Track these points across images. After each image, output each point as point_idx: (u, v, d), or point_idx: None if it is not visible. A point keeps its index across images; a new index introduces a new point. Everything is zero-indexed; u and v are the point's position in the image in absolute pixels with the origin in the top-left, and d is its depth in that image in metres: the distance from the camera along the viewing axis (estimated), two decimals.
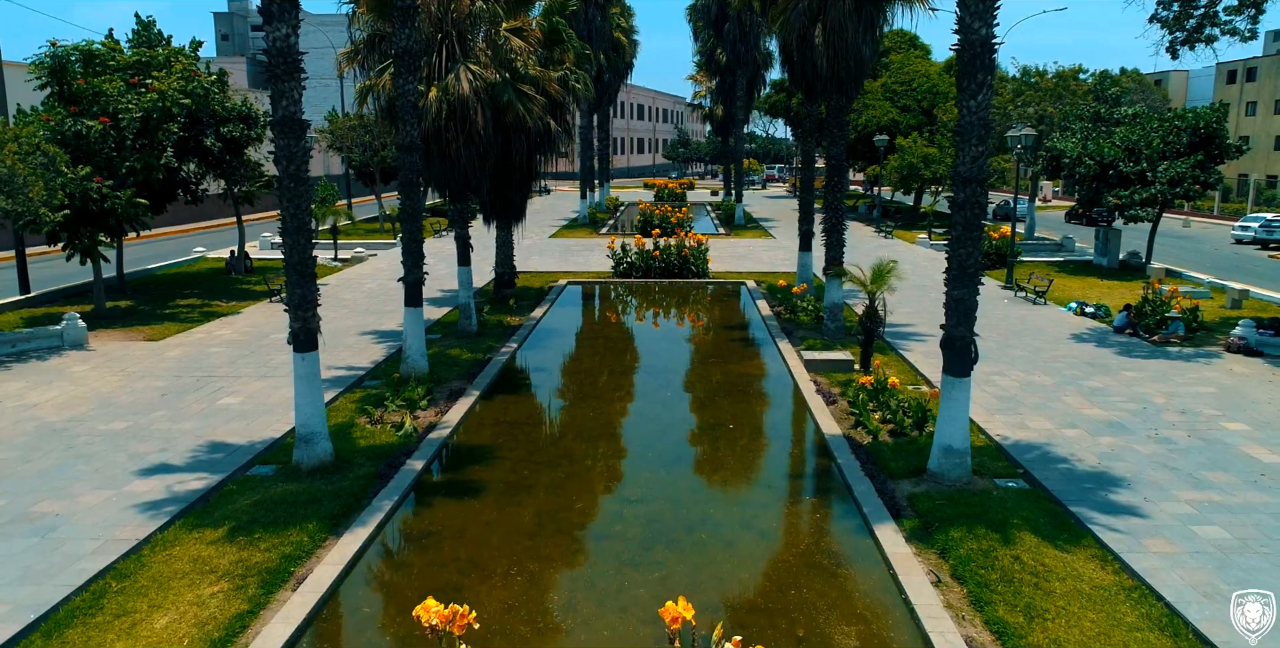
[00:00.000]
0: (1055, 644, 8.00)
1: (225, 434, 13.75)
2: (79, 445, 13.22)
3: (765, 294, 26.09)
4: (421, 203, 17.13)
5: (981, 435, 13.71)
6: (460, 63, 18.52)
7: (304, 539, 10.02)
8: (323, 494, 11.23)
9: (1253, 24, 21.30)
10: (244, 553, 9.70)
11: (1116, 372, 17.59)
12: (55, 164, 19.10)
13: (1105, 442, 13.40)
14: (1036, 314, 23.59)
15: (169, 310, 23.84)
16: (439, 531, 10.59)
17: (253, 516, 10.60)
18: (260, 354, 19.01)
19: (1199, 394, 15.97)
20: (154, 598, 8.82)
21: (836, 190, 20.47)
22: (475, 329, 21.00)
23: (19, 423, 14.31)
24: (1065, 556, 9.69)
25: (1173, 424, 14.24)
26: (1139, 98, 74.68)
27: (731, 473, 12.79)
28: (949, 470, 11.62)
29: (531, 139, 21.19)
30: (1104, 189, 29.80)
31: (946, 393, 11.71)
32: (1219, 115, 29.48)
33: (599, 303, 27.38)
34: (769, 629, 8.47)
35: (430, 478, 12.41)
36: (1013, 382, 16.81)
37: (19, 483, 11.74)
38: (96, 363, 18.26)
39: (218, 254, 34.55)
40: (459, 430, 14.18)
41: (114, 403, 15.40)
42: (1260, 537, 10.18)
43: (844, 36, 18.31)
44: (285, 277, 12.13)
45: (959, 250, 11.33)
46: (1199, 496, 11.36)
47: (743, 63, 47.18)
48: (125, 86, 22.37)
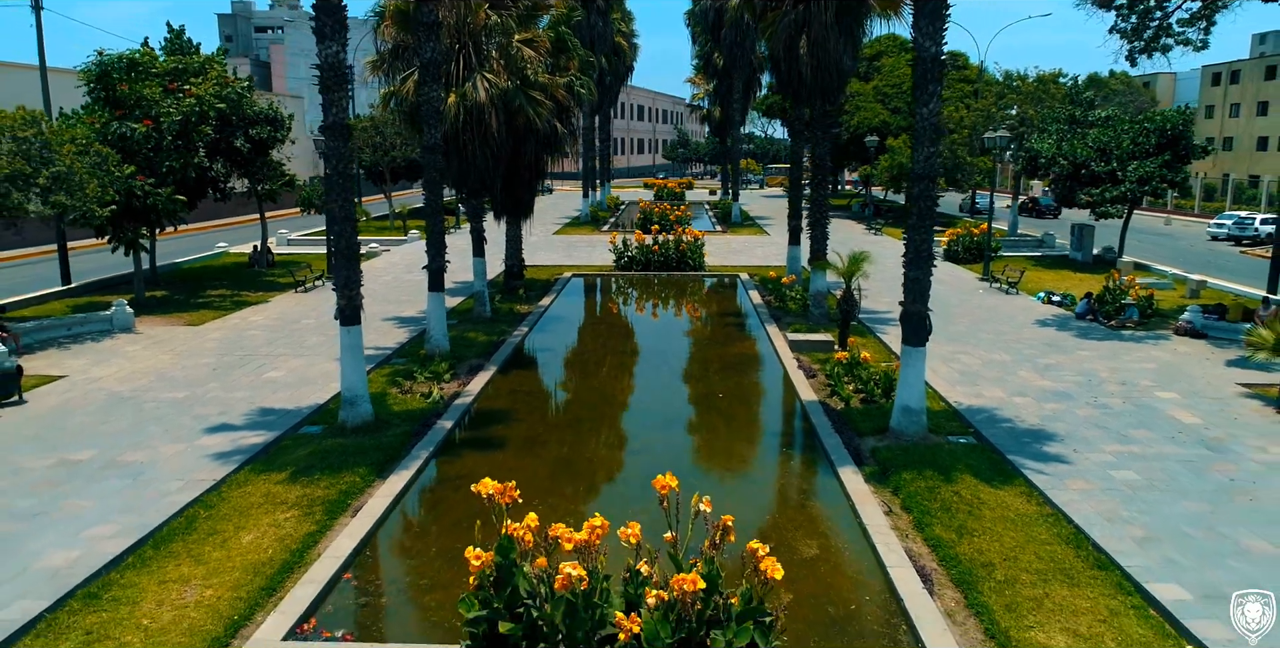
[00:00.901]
0: (978, 553, 9.84)
1: (274, 401, 15.58)
2: (147, 410, 15.06)
3: (757, 285, 27.91)
4: (442, 199, 18.97)
5: (941, 402, 15.54)
6: (477, 71, 20.36)
7: (356, 480, 11.86)
8: (367, 447, 13.07)
9: (1204, 35, 23.11)
10: (307, 490, 11.54)
11: (1071, 351, 19.44)
12: (107, 163, 20.93)
13: (1049, 407, 15.24)
14: (1007, 303, 25.43)
15: (202, 300, 25.68)
16: (468, 474, 12.40)
17: (310, 462, 12.44)
18: (294, 337, 20.86)
19: (1141, 369, 17.81)
20: (237, 522, 10.65)
21: (820, 188, 22.31)
22: (489, 315, 22.85)
23: (89, 393, 16.15)
24: (998, 492, 11.53)
25: (1111, 394, 16.08)
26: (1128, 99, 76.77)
27: (721, 432, 14.64)
28: (907, 427, 13.45)
29: (540, 140, 23.01)
30: (1077, 187, 31.64)
31: (905, 361, 13.55)
32: (1185, 118, 31.34)
33: (602, 293, 29.22)
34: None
35: (458, 435, 14.24)
36: (976, 360, 18.65)
37: (103, 439, 13.58)
38: (146, 344, 20.11)
39: (239, 249, 36.41)
40: (480, 398, 16.02)
41: (170, 377, 17.24)
42: (1165, 478, 12.01)
43: (826, 48, 20.13)
44: (334, 260, 13.91)
45: (914, 237, 13.17)
46: (1121, 448, 13.20)
47: (739, 66, 48.94)
48: (163, 92, 24.20)
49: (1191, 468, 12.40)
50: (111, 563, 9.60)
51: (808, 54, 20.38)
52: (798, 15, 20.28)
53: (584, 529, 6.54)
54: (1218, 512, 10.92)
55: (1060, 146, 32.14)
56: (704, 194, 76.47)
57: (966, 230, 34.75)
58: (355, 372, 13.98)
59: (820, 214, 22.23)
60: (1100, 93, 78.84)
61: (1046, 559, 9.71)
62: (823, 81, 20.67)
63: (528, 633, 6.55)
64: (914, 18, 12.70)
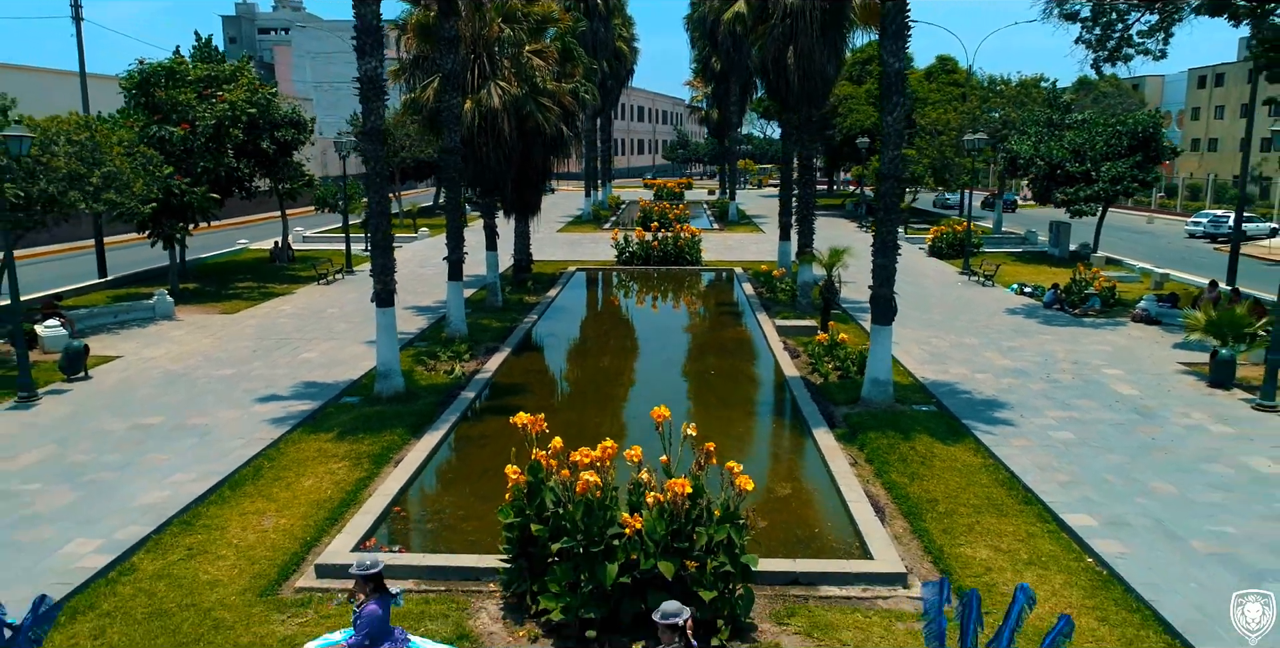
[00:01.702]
0: (926, 493, 11.68)
1: (313, 377, 17.42)
2: (201, 384, 16.90)
3: (750, 278, 29.74)
4: (461, 196, 20.81)
5: (910, 378, 17.39)
6: (491, 80, 22.20)
7: (395, 438, 13.70)
8: (402, 413, 14.90)
9: (1163, 45, 24.94)
10: (354, 446, 13.38)
11: (1034, 336, 21.28)
12: (150, 164, 22.76)
13: (1005, 382, 17.08)
14: (983, 294, 27.27)
15: (231, 292, 27.52)
16: (490, 434, 14.25)
17: (353, 425, 14.28)
18: (322, 324, 22.70)
19: (1095, 351, 19.66)
20: (298, 470, 12.49)
21: (807, 187, 24.17)
22: (501, 304, 24.70)
23: (146, 371, 17.99)
24: (949, 448, 13.37)
25: (1064, 371, 17.92)
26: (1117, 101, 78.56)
27: (711, 401, 16.48)
28: (876, 396, 15.29)
29: (547, 143, 24.87)
30: (1053, 187, 33.50)
31: (874, 338, 15.39)
32: (1155, 121, 33.23)
33: (605, 285, 31.07)
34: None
35: (480, 404, 16.08)
36: (946, 343, 20.49)
37: (167, 407, 15.41)
38: (188, 329, 21.96)
39: (258, 245, 38.24)
40: (497, 374, 17.86)
41: (216, 357, 19.09)
42: (1096, 437, 13.85)
43: (812, 59, 21.99)
44: (371, 250, 15.74)
45: (882, 229, 15.01)
46: (1063, 414, 15.04)
47: (736, 70, 50.71)
48: (198, 97, 26.03)
49: (1121, 430, 14.24)
50: (197, 500, 11.43)
51: (795, 64, 22.22)
52: (785, 29, 22.10)
53: (597, 449, 8.37)
54: (1135, 463, 12.77)
55: (1038, 148, 33.98)
56: (703, 194, 78.23)
57: (950, 228, 36.56)
58: (389, 348, 15.82)
59: (807, 211, 24.08)
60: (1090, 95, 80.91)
61: (982, 498, 11.54)
62: (809, 89, 22.53)
63: (553, 532, 8.37)
64: (880, 38, 14.56)
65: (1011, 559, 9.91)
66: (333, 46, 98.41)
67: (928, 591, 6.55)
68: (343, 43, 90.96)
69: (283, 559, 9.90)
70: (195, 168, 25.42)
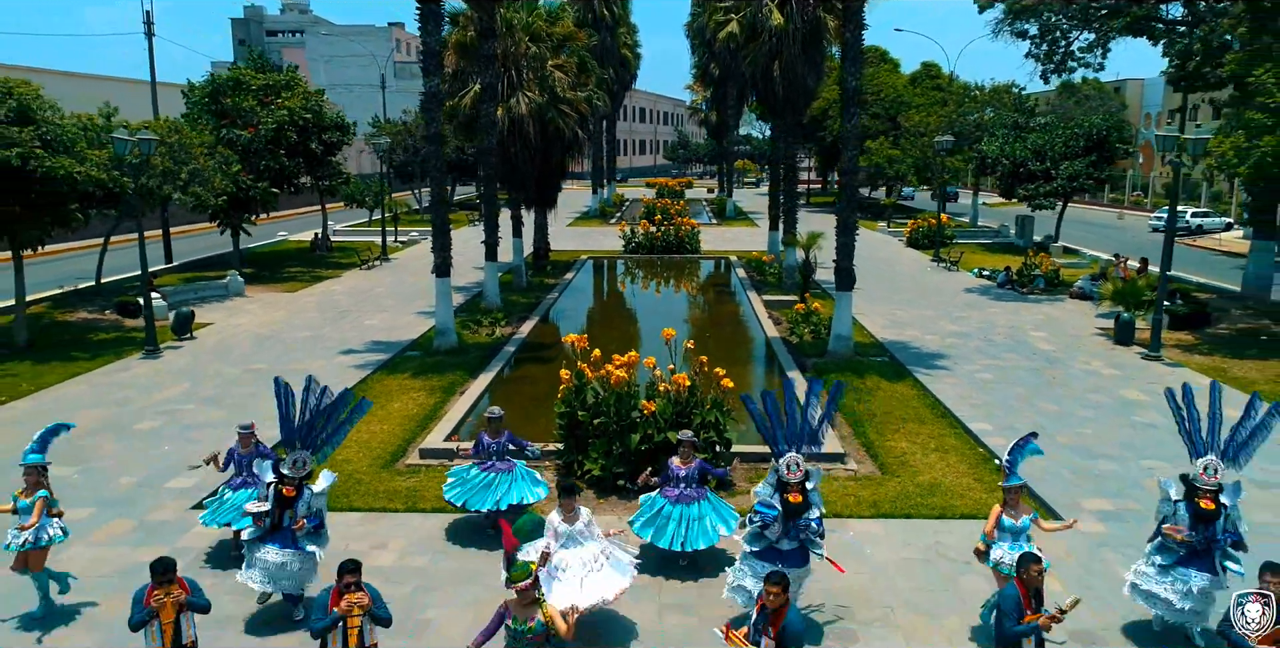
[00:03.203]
0: (868, 410, 15.37)
1: (379, 337, 21.11)
2: (288, 343, 20.61)
3: (744, 265, 33.41)
4: (495, 190, 24.49)
5: (871, 338, 21.08)
6: (519, 90, 25.88)
7: (456, 378, 17.39)
8: (458, 362, 18.58)
9: (1102, 59, 28.72)
10: (426, 382, 17.07)
11: (983, 309, 24.98)
12: (226, 162, 26.46)
13: (949, 341, 20.78)
14: (948, 278, 30.99)
15: (285, 275, 31.22)
16: (530, 376, 17.95)
17: (421, 369, 17.99)
18: (372, 300, 26.40)
19: (1030, 320, 23.36)
20: (387, 397, 16.18)
21: (791, 183, 27.87)
22: (525, 285, 28.40)
23: (237, 334, 21.70)
24: (892, 384, 17.06)
25: (999, 334, 21.63)
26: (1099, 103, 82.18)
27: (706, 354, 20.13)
28: (839, 349, 18.98)
29: (564, 145, 28.55)
30: (1016, 183, 37.20)
31: (838, 302, 19.08)
32: (1109, 124, 36.94)
33: (614, 270, 34.77)
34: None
35: (519, 356, 19.78)
36: (907, 315, 24.19)
37: (267, 358, 19.11)
38: (259, 304, 25.67)
39: (297, 237, 41.97)
40: (530, 336, 21.55)
41: (293, 323, 22.80)
42: (1010, 378, 17.54)
43: (794, 72, 25.67)
44: (433, 231, 19.41)
45: (843, 214, 18.70)
46: (989, 362, 18.74)
47: (733, 76, 54.04)
48: (258, 104, 29.74)
49: (1032, 373, 17.96)
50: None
51: (780, 77, 25.90)
52: (771, 46, 25.77)
53: (625, 357, 12.05)
54: (1035, 394, 16.47)
55: (1003, 148, 37.68)
56: (702, 192, 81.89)
57: (925, 221, 40.26)
58: (445, 311, 19.54)
59: (791, 204, 27.79)
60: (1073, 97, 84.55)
61: (910, 414, 15.25)
62: (792, 98, 26.24)
63: (593, 414, 12.04)
64: (841, 61, 18.25)
65: (922, 448, 13.61)
66: (345, 50, 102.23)
67: (752, 406, 8.76)
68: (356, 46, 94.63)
69: (393, 448, 13.60)
70: (258, 166, 29.12)
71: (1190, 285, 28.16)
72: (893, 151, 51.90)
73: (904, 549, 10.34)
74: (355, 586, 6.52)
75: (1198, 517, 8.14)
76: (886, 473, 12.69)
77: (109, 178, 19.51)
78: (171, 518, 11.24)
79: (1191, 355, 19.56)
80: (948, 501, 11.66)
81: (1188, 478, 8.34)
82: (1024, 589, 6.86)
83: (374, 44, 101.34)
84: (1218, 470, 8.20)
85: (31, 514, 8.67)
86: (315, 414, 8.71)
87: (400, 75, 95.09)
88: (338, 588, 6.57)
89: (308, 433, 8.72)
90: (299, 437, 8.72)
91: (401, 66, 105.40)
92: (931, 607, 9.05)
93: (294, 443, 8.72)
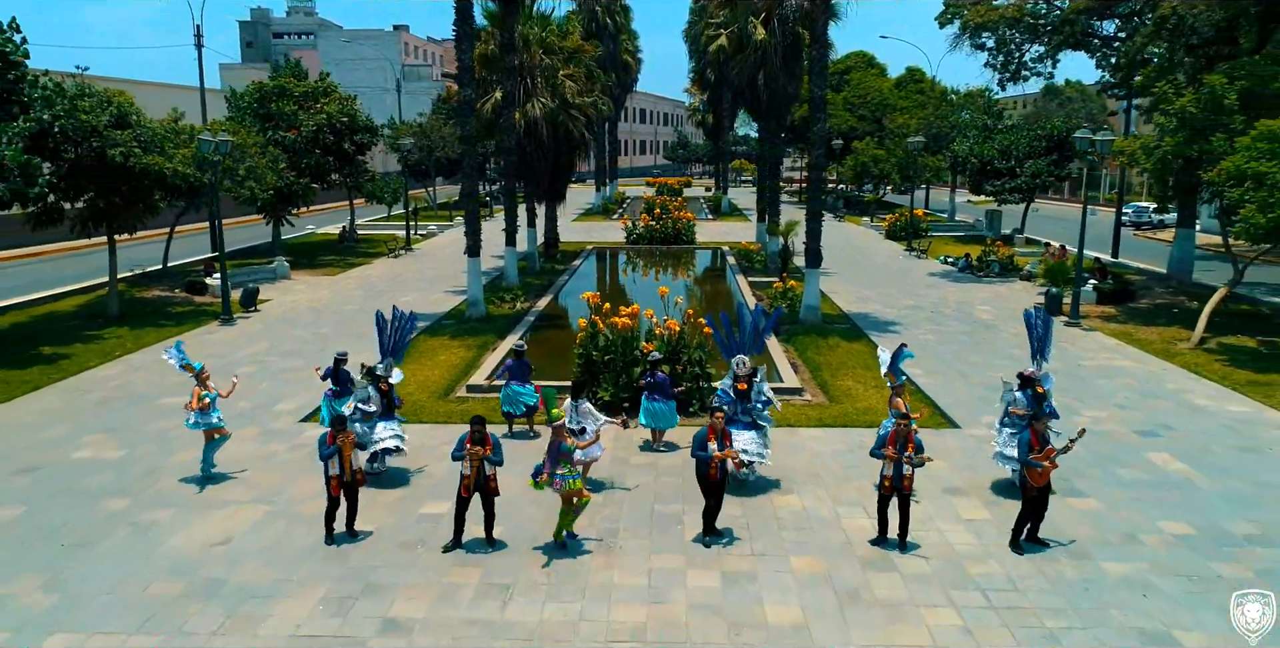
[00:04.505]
0: (826, 360, 18.90)
1: (417, 309, 24.47)
2: (341, 314, 24.16)
3: (734, 253, 36.93)
4: (515, 185, 28.02)
5: (839, 310, 24.61)
6: (534, 97, 29.41)
7: (489, 338, 20.93)
8: (488, 328, 22.12)
9: (1052, 69, 32.31)
10: (463, 342, 20.61)
11: (941, 288, 28.54)
12: (275, 161, 30.01)
13: (903, 313, 24.32)
14: (916, 264, 34.55)
15: (321, 262, 34.77)
16: (550, 338, 21.48)
17: (458, 333, 21.53)
18: (405, 282, 29.95)
19: (979, 297, 26.90)
20: (432, 353, 19.71)
21: (774, 179, 31.43)
22: (538, 269, 31.94)
23: (295, 307, 25.23)
24: (849, 343, 20.59)
25: (949, 307, 25.17)
26: (1081, 105, 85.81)
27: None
28: (808, 317, 22.50)
29: (572, 145, 32.08)
30: (984, 180, 40.74)
31: (807, 277, 22.61)
32: (1069, 127, 40.46)
33: (618, 258, 38.32)
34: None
35: (537, 324, 23.32)
36: (873, 293, 27.73)
37: (328, 325, 22.64)
38: (306, 285, 29.22)
39: (324, 230, 45.52)
40: (546, 308, 25.10)
41: (340, 300, 26.35)
42: (949, 339, 21.07)
43: (776, 81, 29.19)
44: (465, 217, 22.93)
45: (811, 204, 22.22)
46: (934, 328, 22.28)
47: (727, 81, 57.79)
48: (299, 108, 33.27)
49: (968, 335, 21.51)
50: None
51: (764, 85, 29.44)
52: (756, 58, 29.30)
53: (630, 308, 15.58)
54: (965, 350, 20.02)
55: (972, 148, 41.23)
56: (700, 191, 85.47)
57: (903, 215, 43.80)
58: (476, 286, 23.10)
59: (774, 197, 31.35)
60: (1055, 100, 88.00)
61: (859, 363, 18.77)
62: (774, 104, 29.80)
63: (603, 352, 15.55)
64: (808, 75, 21.78)
65: (864, 386, 17.14)
66: (355, 54, 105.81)
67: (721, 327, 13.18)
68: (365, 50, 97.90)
69: (444, 385, 17.18)
70: (300, 164, 32.66)
71: (1130, 270, 31.74)
72: (878, 152, 55.45)
73: (837, 445, 13.89)
74: (479, 434, 9.98)
75: (1036, 399, 11.70)
76: (833, 401, 16.25)
77: (190, 173, 23.05)
78: (284, 427, 14.80)
79: (1107, 324, 23.11)
80: (876, 418, 15.14)
81: (1023, 374, 11.91)
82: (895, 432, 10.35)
83: (384, 47, 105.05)
84: (1041, 367, 11.80)
85: (199, 401, 12.24)
86: (396, 332, 12.43)
87: (408, 77, 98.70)
88: (471, 435, 10.01)
89: (393, 346, 12.41)
90: (388, 349, 12.40)
91: (410, 69, 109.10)
92: (850, 476, 12.58)
93: (385, 353, 12.39)
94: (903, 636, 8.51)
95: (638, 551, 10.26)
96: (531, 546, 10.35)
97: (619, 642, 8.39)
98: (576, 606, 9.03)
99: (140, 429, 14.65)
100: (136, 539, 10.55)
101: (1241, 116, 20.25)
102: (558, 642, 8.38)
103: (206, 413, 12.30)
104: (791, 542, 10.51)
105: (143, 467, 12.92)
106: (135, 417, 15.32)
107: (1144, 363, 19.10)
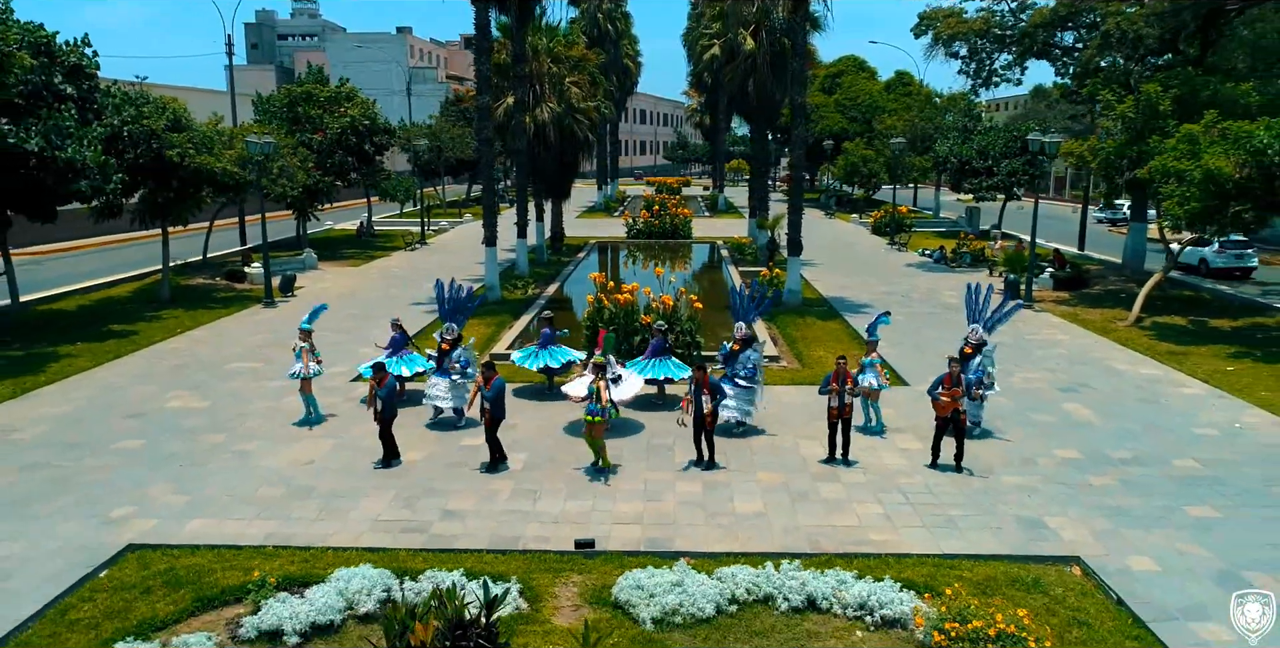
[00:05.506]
0: (802, 335, 21.58)
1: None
2: (371, 299, 26.84)
3: (728, 247, 39.64)
4: (527, 183, 30.71)
5: (819, 295, 27.30)
6: (542, 101, 32.10)
7: (504, 318, 23.62)
8: (503, 309, 24.80)
9: (1020, 75, 34.97)
10: (483, 320, 23.28)
11: (915, 278, 31.22)
12: (304, 161, 32.69)
13: (876, 297, 27.00)
14: (897, 256, 37.24)
15: (343, 255, 37.45)
16: (558, 317, 24.09)
17: (477, 313, 24.13)
18: (425, 271, 32.58)
19: (947, 286, 29.57)
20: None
21: (763, 177, 34.14)
22: (545, 260, 34.63)
23: (327, 293, 27.89)
24: (825, 322, 23.28)
25: (918, 293, 27.85)
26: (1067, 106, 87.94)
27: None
28: (790, 300, 25.18)
29: (577, 146, 34.77)
30: (963, 179, 43.39)
31: (790, 264, 25.29)
32: (1044, 128, 43.10)
33: (620, 251, 41.01)
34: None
35: (548, 307, 25.99)
36: (853, 281, 30.41)
37: (359, 306, 25.32)
38: (333, 275, 31.91)
39: (341, 226, 48.21)
40: (555, 293, 27.78)
41: (368, 287, 29.03)
42: (915, 318, 23.74)
43: (765, 88, 31.91)
44: (484, 210, 25.60)
45: (793, 199, 24.88)
46: (905, 310, 24.94)
47: (724, 84, 60.64)
48: (324, 112, 35.94)
49: (932, 315, 24.19)
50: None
51: (753, 91, 32.15)
52: (746, 67, 32.02)
53: (631, 285, 18.25)
54: (927, 327, 22.70)
55: (952, 149, 43.87)
56: (698, 191, 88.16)
57: (886, 212, 46.48)
58: (492, 272, 25.79)
59: (763, 194, 34.06)
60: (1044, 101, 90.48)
61: (832, 337, 21.47)
62: (764, 108, 32.51)
63: (607, 324, 18.22)
64: (788, 84, 24.45)
65: (833, 354, 19.77)
66: (362, 56, 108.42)
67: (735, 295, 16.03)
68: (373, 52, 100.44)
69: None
70: (326, 163, 35.34)
71: (1091, 261, 34.45)
72: (867, 152, 58.12)
73: (805, 399, 16.55)
74: (485, 376, 12.61)
75: (964, 358, 14.36)
76: (805, 367, 18.95)
77: (236, 171, 25.74)
78: (338, 385, 17.49)
79: (1059, 306, 25.79)
80: None
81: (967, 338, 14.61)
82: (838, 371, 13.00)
83: (390, 50, 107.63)
84: (977, 332, 14.47)
85: (304, 357, 14.90)
86: (453, 301, 15.03)
87: (415, 80, 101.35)
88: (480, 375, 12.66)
89: (452, 311, 15.04)
90: (447, 314, 15.06)
91: (415, 71, 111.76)
92: (811, 420, 15.24)
93: (445, 318, 15.04)
94: (838, 520, 11.20)
95: (637, 470, 12.94)
96: (550, 465, 13.03)
97: (623, 523, 11.08)
98: (589, 502, 11.72)
99: (215, 387, 17.34)
100: (239, 462, 13.24)
101: (1174, 121, 22.92)
102: (576, 523, 11.06)
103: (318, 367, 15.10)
104: (759, 463, 13.20)
105: (227, 413, 15.62)
106: (209, 378, 18.02)
107: (1081, 338, 21.79)
